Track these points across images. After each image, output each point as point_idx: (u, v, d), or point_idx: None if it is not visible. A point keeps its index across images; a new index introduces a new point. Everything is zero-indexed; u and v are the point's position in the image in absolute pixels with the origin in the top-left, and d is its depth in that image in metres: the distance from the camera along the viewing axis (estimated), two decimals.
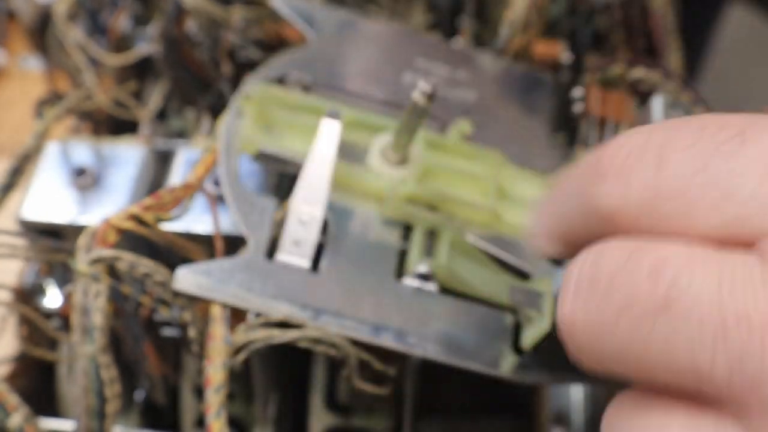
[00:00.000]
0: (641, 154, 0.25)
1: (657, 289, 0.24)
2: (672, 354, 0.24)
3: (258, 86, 0.42)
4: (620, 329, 0.24)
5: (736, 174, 0.24)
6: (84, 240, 0.37)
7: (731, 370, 0.22)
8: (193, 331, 0.38)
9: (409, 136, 0.40)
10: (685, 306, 0.23)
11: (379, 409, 0.49)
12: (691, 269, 0.23)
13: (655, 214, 0.25)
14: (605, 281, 0.25)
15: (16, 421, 0.36)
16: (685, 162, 0.24)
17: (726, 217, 0.24)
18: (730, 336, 0.22)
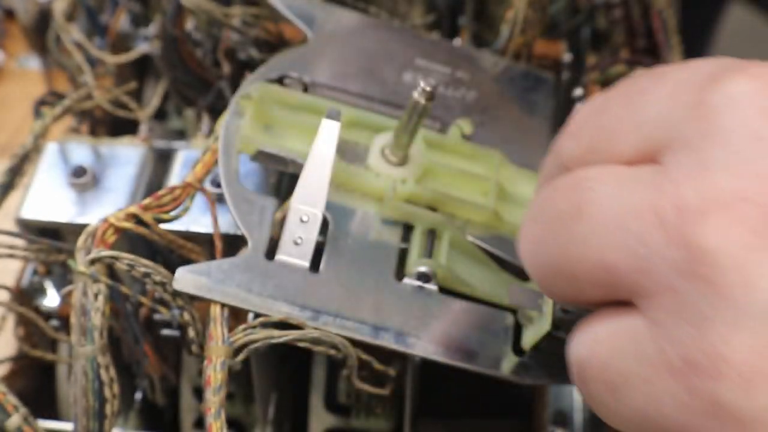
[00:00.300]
0: (591, 108, 0.30)
1: (573, 199, 0.27)
2: (587, 254, 0.27)
3: (258, 86, 0.42)
4: (549, 242, 0.28)
5: (650, 102, 0.27)
6: (83, 240, 0.37)
7: (628, 258, 0.25)
8: (193, 331, 0.38)
9: (409, 136, 0.40)
10: (593, 209, 0.27)
11: (379, 409, 0.49)
12: (600, 180, 0.27)
13: (595, 152, 0.29)
14: (539, 204, 0.29)
15: (15, 421, 0.36)
16: (617, 106, 0.29)
17: (639, 138, 0.27)
18: (627, 228, 0.25)
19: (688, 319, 0.24)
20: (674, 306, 0.24)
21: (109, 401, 0.36)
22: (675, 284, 0.24)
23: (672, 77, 0.28)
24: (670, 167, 0.25)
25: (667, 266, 0.24)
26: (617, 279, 0.26)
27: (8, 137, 0.60)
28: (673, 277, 0.24)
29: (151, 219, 0.38)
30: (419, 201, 0.41)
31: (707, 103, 0.25)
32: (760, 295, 0.23)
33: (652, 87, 0.28)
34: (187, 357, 0.49)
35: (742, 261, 0.23)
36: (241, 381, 0.49)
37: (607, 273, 0.26)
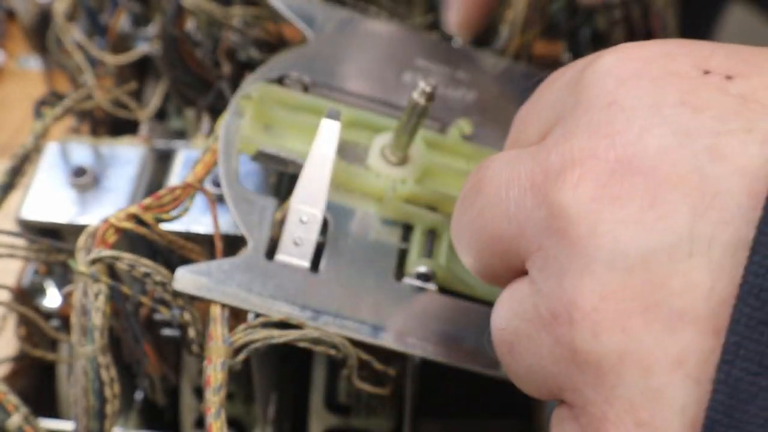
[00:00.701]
0: None
1: (474, 178, 0.30)
2: (483, 227, 0.29)
3: (258, 86, 0.42)
4: (462, 219, 0.31)
5: (549, 90, 0.30)
6: (83, 240, 0.37)
7: (511, 224, 0.27)
8: (193, 331, 0.38)
9: (409, 136, 0.40)
10: (486, 184, 0.29)
11: (379, 409, 0.49)
12: (496, 159, 0.30)
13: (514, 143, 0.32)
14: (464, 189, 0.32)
15: (15, 421, 0.36)
16: (531, 98, 0.32)
17: (540, 125, 0.30)
18: (508, 196, 0.27)
19: (551, 273, 0.26)
20: (541, 262, 0.26)
21: (109, 401, 0.36)
22: (542, 241, 0.26)
23: (571, 66, 0.30)
24: (547, 139, 0.28)
25: (536, 226, 0.26)
26: (506, 246, 0.28)
27: (8, 137, 0.60)
28: (541, 235, 0.26)
29: (151, 219, 0.38)
30: (419, 201, 0.41)
31: (581, 80, 0.28)
32: (602, 240, 0.24)
33: (556, 77, 0.31)
34: (187, 357, 0.49)
35: (588, 211, 0.25)
36: (241, 381, 0.49)
37: (499, 242, 0.28)
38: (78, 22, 0.57)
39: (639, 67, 0.26)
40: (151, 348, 0.41)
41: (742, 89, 0.25)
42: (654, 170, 0.24)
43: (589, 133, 0.26)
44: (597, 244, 0.24)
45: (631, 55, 0.27)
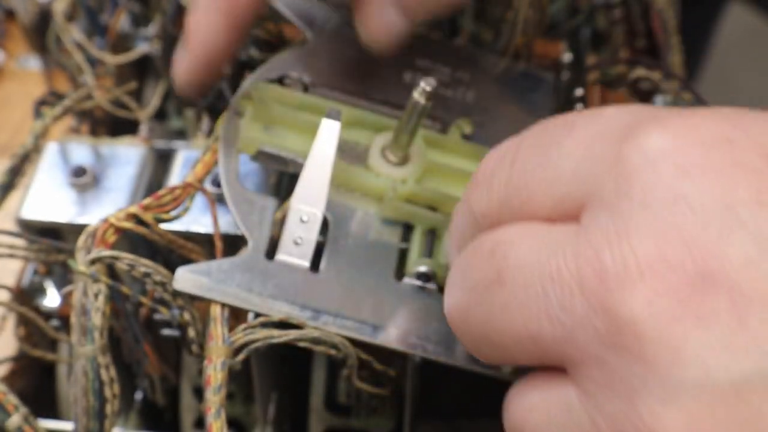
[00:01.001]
0: (502, 159, 0.28)
1: (492, 265, 0.26)
2: (512, 324, 0.26)
3: (258, 86, 0.42)
4: (475, 309, 0.27)
5: (563, 156, 0.26)
6: (83, 240, 0.37)
7: (553, 326, 0.24)
8: (193, 331, 0.38)
9: (409, 136, 0.40)
10: (512, 275, 0.26)
11: (379, 409, 0.49)
12: (518, 244, 0.26)
13: (508, 208, 0.28)
14: (461, 270, 0.28)
15: (15, 421, 0.36)
16: (529, 157, 0.27)
17: (556, 197, 0.26)
18: (548, 295, 0.24)
19: (617, 392, 0.23)
20: (603, 377, 0.24)
21: (109, 401, 0.36)
22: (601, 354, 0.23)
23: (585, 127, 0.26)
24: (590, 229, 0.24)
25: (591, 336, 0.23)
26: (543, 347, 0.25)
27: (8, 137, 0.60)
28: (599, 347, 0.23)
29: (151, 219, 0.38)
30: (419, 201, 0.41)
31: (623, 159, 0.24)
32: (689, 370, 0.22)
33: (564, 138, 0.27)
34: (187, 357, 0.49)
35: (668, 333, 0.22)
36: (241, 381, 0.49)
37: (533, 342, 0.25)
38: (78, 22, 0.57)
39: (699, 154, 0.23)
40: (151, 348, 0.41)
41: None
42: (738, 285, 0.22)
43: (655, 235, 0.23)
44: (680, 371, 0.22)
45: (683, 135, 0.24)
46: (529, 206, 0.27)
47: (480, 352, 0.28)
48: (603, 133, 0.26)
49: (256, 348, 0.37)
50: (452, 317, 0.29)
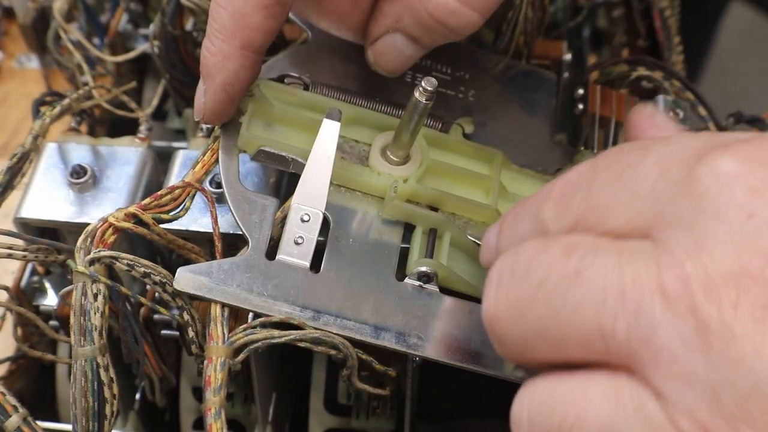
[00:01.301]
0: (580, 180, 0.30)
1: (569, 262, 0.28)
2: (581, 318, 0.27)
3: (258, 84, 0.42)
4: (538, 304, 0.28)
5: (639, 177, 0.28)
6: (82, 240, 0.37)
7: (628, 326, 0.26)
8: (193, 331, 0.38)
9: (410, 135, 0.40)
10: (592, 275, 0.27)
11: (379, 410, 0.49)
12: (598, 248, 0.28)
13: (583, 225, 0.30)
14: (524, 265, 0.29)
15: (14, 422, 0.36)
16: (606, 178, 0.30)
17: (630, 214, 0.28)
18: (627, 297, 0.26)
19: (700, 389, 0.25)
20: (682, 375, 0.25)
21: (108, 402, 0.36)
22: (681, 354, 0.25)
23: (658, 152, 0.29)
24: (669, 242, 0.26)
25: (671, 336, 0.25)
26: (613, 345, 0.27)
27: (8, 137, 0.60)
28: (679, 347, 0.25)
29: (150, 219, 0.38)
30: (420, 200, 0.41)
31: (696, 180, 0.27)
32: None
33: (639, 161, 0.29)
34: (187, 357, 0.48)
35: (752, 333, 0.24)
36: (241, 381, 0.48)
37: (603, 339, 0.27)
38: (77, 21, 0.56)
39: (766, 175, 0.26)
40: (150, 348, 0.41)
41: None
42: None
43: (733, 246, 0.25)
44: (763, 365, 0.24)
45: (751, 158, 0.26)
46: (603, 223, 0.29)
47: (526, 347, 0.29)
48: (676, 157, 0.28)
49: (256, 348, 0.37)
50: (499, 313, 0.30)
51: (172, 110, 0.61)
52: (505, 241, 0.33)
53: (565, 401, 0.28)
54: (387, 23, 0.40)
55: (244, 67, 0.39)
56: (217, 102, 0.39)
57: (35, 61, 0.63)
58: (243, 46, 0.38)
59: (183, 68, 0.51)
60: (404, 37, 0.40)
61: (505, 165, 0.43)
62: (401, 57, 0.41)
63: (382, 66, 0.42)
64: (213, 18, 0.38)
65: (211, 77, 0.39)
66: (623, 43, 0.62)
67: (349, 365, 0.38)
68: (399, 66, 0.42)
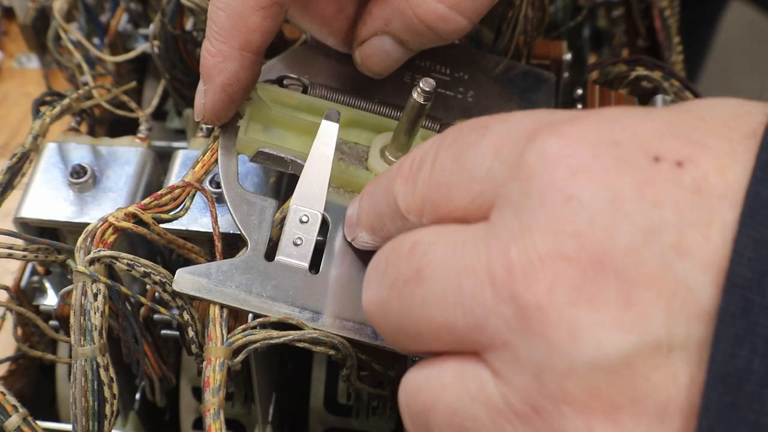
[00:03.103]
0: (425, 157, 0.31)
1: (412, 263, 0.29)
2: (429, 315, 0.28)
3: (257, 86, 0.42)
4: (393, 303, 0.30)
5: (477, 158, 0.29)
6: (82, 240, 0.37)
7: (466, 317, 0.27)
8: (192, 331, 0.38)
9: (408, 136, 0.40)
10: (430, 271, 0.28)
11: (379, 410, 0.49)
12: (435, 243, 0.29)
13: (431, 204, 0.30)
14: (381, 267, 0.31)
15: (14, 421, 0.36)
16: (447, 157, 0.30)
17: (471, 195, 0.29)
18: (463, 288, 0.27)
19: (526, 370, 0.26)
20: (512, 358, 0.26)
21: (108, 401, 0.36)
22: (509, 338, 0.26)
23: (494, 132, 0.29)
24: (498, 226, 0.27)
25: (499, 323, 0.26)
26: (457, 336, 0.28)
27: (8, 137, 0.60)
28: (507, 332, 0.26)
29: (150, 219, 0.38)
30: None
31: (524, 162, 0.27)
32: (583, 344, 0.25)
33: (477, 141, 0.29)
34: (187, 357, 0.48)
35: (567, 316, 0.25)
36: (241, 381, 0.48)
37: (448, 332, 0.28)
38: (77, 21, 0.56)
39: (588, 155, 0.26)
40: (150, 348, 0.41)
41: (695, 176, 0.25)
42: (625, 270, 0.25)
43: (553, 230, 0.26)
44: (578, 347, 0.25)
45: (575, 140, 0.27)
46: (448, 204, 0.30)
47: (398, 342, 0.31)
48: (509, 137, 0.29)
49: (255, 349, 0.37)
50: (371, 311, 0.31)
51: (172, 110, 0.61)
52: (363, 215, 0.35)
53: (425, 387, 0.29)
54: (376, 26, 0.41)
55: (243, 67, 0.39)
56: (216, 103, 0.39)
57: (35, 61, 0.63)
58: (242, 47, 0.38)
59: (183, 68, 0.51)
60: (392, 39, 0.41)
61: None
62: (388, 59, 0.42)
63: (368, 67, 0.42)
64: (211, 20, 0.38)
65: (211, 78, 0.39)
66: (623, 43, 0.62)
67: (349, 365, 0.38)
68: (386, 68, 0.42)
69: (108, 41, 0.57)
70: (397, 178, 0.32)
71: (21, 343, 0.46)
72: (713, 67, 1.19)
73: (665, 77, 0.50)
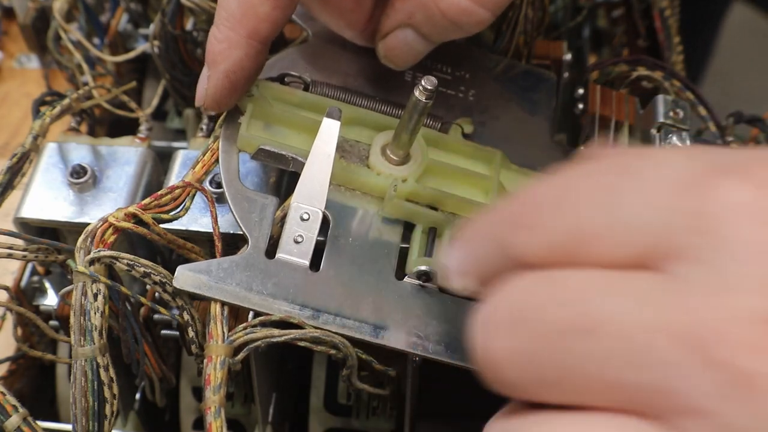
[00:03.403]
0: (544, 201, 0.28)
1: (572, 312, 0.26)
2: (596, 371, 0.25)
3: (258, 84, 0.42)
4: (543, 354, 0.26)
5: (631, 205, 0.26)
6: (82, 240, 0.37)
7: (654, 379, 0.25)
8: (192, 331, 0.38)
9: (410, 135, 0.40)
10: (602, 324, 0.25)
11: (379, 410, 0.49)
12: (608, 293, 0.26)
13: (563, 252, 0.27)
14: (528, 312, 0.27)
15: (14, 422, 0.36)
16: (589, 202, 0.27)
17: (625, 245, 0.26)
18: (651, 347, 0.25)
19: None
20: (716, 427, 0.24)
21: (108, 401, 0.36)
22: (713, 406, 0.24)
23: (647, 177, 0.27)
24: (686, 282, 0.25)
25: (703, 388, 0.24)
26: (629, 395, 0.25)
27: (8, 137, 0.60)
28: (711, 399, 0.24)
29: (150, 219, 0.38)
30: (420, 200, 0.41)
31: (708, 213, 0.25)
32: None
33: (626, 184, 0.27)
34: (187, 357, 0.48)
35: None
36: (241, 381, 0.48)
37: (620, 390, 0.25)
38: (77, 21, 0.56)
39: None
40: (150, 348, 0.41)
41: None
42: None
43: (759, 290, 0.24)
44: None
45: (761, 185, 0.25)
46: (594, 252, 0.27)
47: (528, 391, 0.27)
48: (670, 183, 0.26)
49: (255, 347, 0.37)
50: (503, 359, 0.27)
51: (172, 110, 0.61)
52: (465, 266, 0.31)
53: None
54: (399, 18, 0.41)
55: (248, 56, 0.39)
56: (218, 89, 0.39)
57: (35, 61, 0.63)
58: (249, 35, 0.38)
59: (183, 68, 0.51)
60: (415, 32, 0.41)
61: (505, 165, 0.43)
62: (411, 52, 0.42)
63: (391, 60, 0.43)
64: (221, 6, 0.39)
65: (216, 64, 0.39)
66: (623, 43, 0.62)
67: (349, 365, 0.38)
68: (408, 60, 0.43)
69: (108, 41, 0.57)
70: (516, 229, 0.29)
71: (21, 343, 0.46)
72: (713, 67, 1.19)
73: (666, 77, 0.50)
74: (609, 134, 0.47)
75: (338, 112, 0.40)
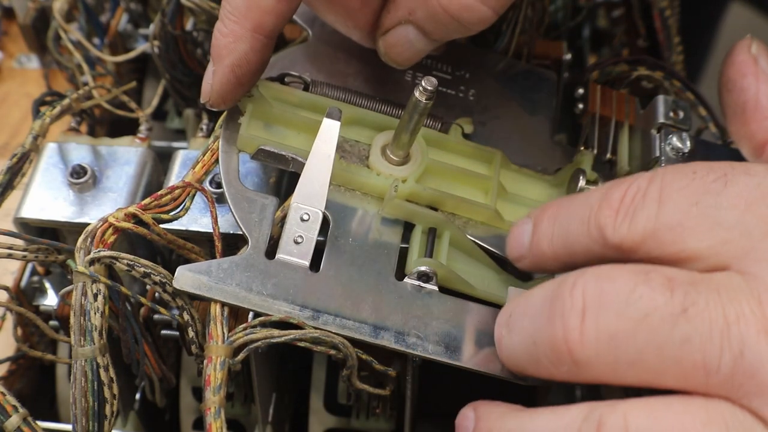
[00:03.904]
0: (641, 192, 0.32)
1: (674, 299, 0.29)
2: (685, 354, 0.29)
3: (258, 84, 0.42)
4: (639, 338, 0.29)
5: (722, 207, 0.30)
6: (82, 240, 0.37)
7: (735, 362, 0.28)
8: (192, 331, 0.38)
9: (410, 135, 0.40)
10: (697, 311, 0.29)
11: (380, 410, 0.49)
12: (696, 283, 0.29)
13: (655, 242, 0.31)
14: (620, 297, 0.30)
15: (14, 422, 0.36)
16: (681, 199, 0.31)
17: (713, 240, 0.30)
18: (732, 334, 0.28)
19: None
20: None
21: (108, 402, 0.36)
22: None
23: (739, 183, 0.31)
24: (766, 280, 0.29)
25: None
26: (716, 379, 0.28)
27: (8, 137, 0.60)
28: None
29: (150, 219, 0.38)
30: (420, 200, 0.41)
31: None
32: None
33: (720, 189, 0.31)
34: (187, 357, 0.48)
35: None
36: (241, 381, 0.48)
37: (705, 373, 0.28)
38: (77, 21, 0.56)
39: None
40: (150, 348, 0.41)
41: None
42: None
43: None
44: None
45: None
46: (679, 244, 0.30)
47: (614, 374, 0.30)
48: (760, 192, 0.30)
49: (255, 348, 0.37)
50: (591, 341, 0.30)
51: (172, 110, 0.61)
52: (546, 241, 0.35)
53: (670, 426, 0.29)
54: (399, 15, 0.40)
55: (254, 49, 0.39)
56: (224, 84, 0.39)
57: (35, 61, 0.63)
58: (254, 28, 0.38)
59: (183, 68, 0.51)
60: (416, 29, 0.40)
61: (505, 165, 0.43)
62: (412, 49, 0.41)
63: (392, 57, 0.42)
64: (227, 0, 0.39)
65: (221, 59, 0.39)
66: (623, 43, 0.62)
67: (349, 365, 0.38)
68: (409, 58, 0.42)
69: (108, 41, 0.57)
70: (606, 210, 0.32)
71: (21, 343, 0.46)
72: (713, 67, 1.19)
73: (666, 77, 0.50)
74: (609, 134, 0.47)
75: (338, 112, 0.40)
